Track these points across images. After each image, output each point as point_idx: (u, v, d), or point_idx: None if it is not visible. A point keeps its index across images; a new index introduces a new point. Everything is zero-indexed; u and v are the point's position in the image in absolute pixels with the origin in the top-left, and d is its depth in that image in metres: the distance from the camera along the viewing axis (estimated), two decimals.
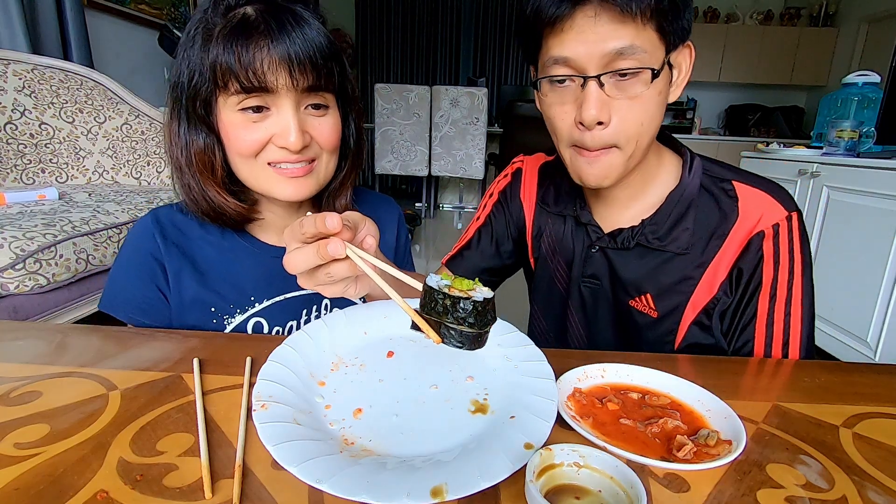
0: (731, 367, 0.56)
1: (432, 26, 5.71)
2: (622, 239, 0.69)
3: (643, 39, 0.54)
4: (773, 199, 0.64)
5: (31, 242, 1.13)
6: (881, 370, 0.57)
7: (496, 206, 0.87)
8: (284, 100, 0.57)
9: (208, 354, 0.53)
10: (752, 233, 0.63)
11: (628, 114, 0.57)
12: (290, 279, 0.68)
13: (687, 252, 0.65)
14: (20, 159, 1.76)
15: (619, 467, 0.33)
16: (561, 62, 0.57)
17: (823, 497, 0.36)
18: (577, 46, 0.55)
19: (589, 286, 0.74)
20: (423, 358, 0.52)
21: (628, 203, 0.70)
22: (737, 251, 0.64)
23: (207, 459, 0.36)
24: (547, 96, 0.61)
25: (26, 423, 0.40)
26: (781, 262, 0.62)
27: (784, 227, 0.62)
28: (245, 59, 0.54)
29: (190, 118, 0.60)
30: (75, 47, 2.22)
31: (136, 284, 0.65)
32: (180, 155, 0.61)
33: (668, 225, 0.66)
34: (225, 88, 0.56)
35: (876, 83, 2.25)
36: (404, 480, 0.33)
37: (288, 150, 0.59)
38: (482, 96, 4.05)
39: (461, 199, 5.28)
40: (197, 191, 0.62)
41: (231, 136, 0.59)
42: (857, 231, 1.86)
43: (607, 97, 0.56)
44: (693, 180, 0.67)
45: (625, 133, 0.58)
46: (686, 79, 0.62)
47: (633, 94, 0.56)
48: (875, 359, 1.76)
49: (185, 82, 0.58)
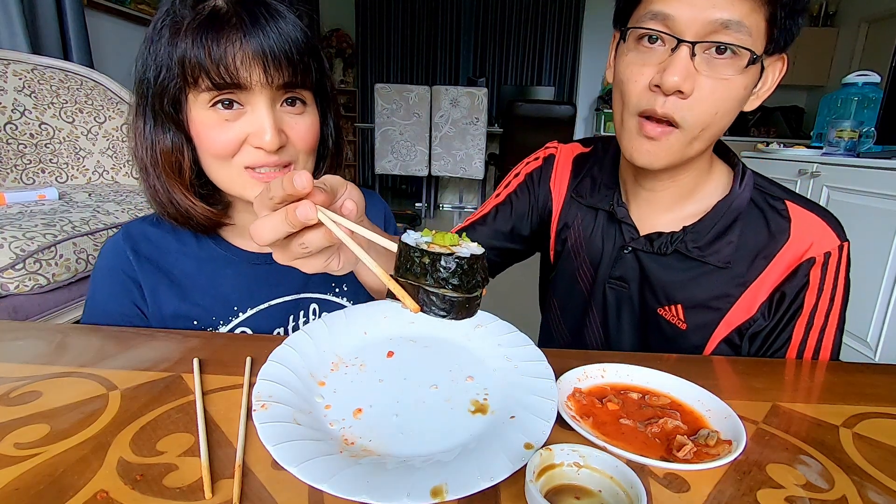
0: (731, 367, 0.56)
1: (432, 26, 5.71)
2: (660, 244, 0.65)
3: (753, 20, 0.51)
4: (827, 226, 0.61)
5: (31, 242, 1.13)
6: (881, 370, 0.57)
7: (521, 187, 0.82)
8: (259, 97, 0.54)
9: (208, 354, 0.53)
10: (802, 258, 0.60)
11: (710, 95, 0.53)
12: (274, 285, 0.69)
13: (727, 267, 0.62)
14: (20, 159, 1.76)
15: (619, 467, 0.33)
16: (660, 18, 0.53)
17: (823, 497, 0.36)
18: (682, 5, 0.52)
19: (615, 288, 0.70)
20: (423, 358, 0.52)
21: (671, 206, 0.66)
22: (782, 274, 0.61)
23: (207, 459, 0.36)
24: (627, 55, 0.57)
25: (26, 423, 0.40)
26: (825, 290, 0.60)
27: (835, 256, 0.60)
28: (216, 53, 0.51)
29: (157, 116, 0.57)
30: (75, 47, 2.22)
31: (112, 303, 0.63)
32: (145, 155, 0.58)
33: (711, 235, 0.63)
34: (195, 85, 0.53)
35: (876, 83, 2.25)
36: (404, 480, 0.33)
37: (264, 151, 0.55)
38: (482, 96, 4.05)
39: (461, 199, 5.28)
40: (162, 193, 0.59)
41: (203, 137, 0.56)
42: (857, 231, 1.85)
43: (695, 70, 0.53)
44: (743, 193, 0.63)
45: (699, 113, 0.54)
46: (769, 92, 0.59)
47: (724, 75, 0.53)
48: (875, 359, 1.76)
49: (150, 78, 0.55)
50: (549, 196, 0.80)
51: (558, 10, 5.40)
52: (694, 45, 0.52)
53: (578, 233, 0.75)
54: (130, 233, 0.65)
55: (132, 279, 0.63)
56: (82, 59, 2.24)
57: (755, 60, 0.52)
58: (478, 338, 0.54)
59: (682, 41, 0.52)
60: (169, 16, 0.54)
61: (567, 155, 0.80)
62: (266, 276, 0.68)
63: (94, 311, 0.64)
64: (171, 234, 0.66)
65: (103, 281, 0.65)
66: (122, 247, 0.64)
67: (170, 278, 0.64)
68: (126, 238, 0.64)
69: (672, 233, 0.65)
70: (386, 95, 4.11)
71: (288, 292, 0.69)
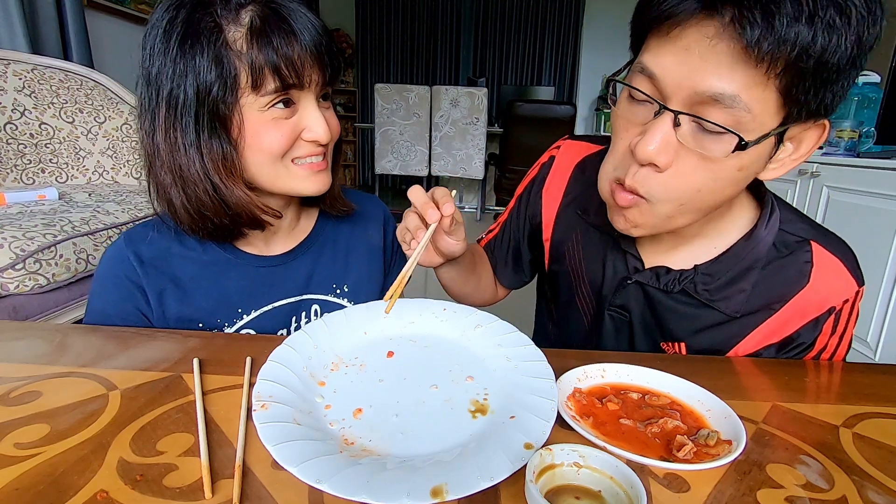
0: (731, 367, 0.56)
1: (432, 26, 5.71)
2: (667, 280, 0.60)
3: (754, 96, 0.42)
4: (847, 272, 0.56)
5: (31, 242, 1.13)
6: (881, 370, 0.57)
7: (518, 203, 0.79)
8: (309, 94, 0.58)
9: (208, 354, 0.53)
10: (823, 308, 0.56)
11: (691, 173, 0.46)
12: (277, 288, 0.69)
13: (736, 317, 0.58)
14: (20, 159, 1.76)
15: (619, 467, 0.33)
16: (647, 74, 0.46)
17: (823, 497, 0.36)
18: (671, 65, 0.44)
19: (615, 315, 0.66)
20: (423, 358, 0.52)
21: (676, 245, 0.61)
22: (801, 322, 0.57)
23: (207, 459, 0.36)
24: (620, 105, 0.51)
25: (26, 423, 0.40)
26: (837, 333, 0.58)
27: (850, 302, 0.56)
28: (284, 54, 0.53)
29: (203, 126, 0.55)
30: (75, 47, 2.22)
31: (114, 309, 0.63)
32: (190, 166, 0.56)
33: (724, 280, 0.58)
34: (256, 88, 0.54)
35: (876, 83, 2.25)
36: (404, 480, 0.33)
37: (316, 144, 0.60)
38: (482, 96, 4.05)
39: (461, 199, 5.28)
40: (213, 199, 0.57)
41: (261, 137, 0.57)
42: (857, 231, 1.85)
43: (677, 141, 0.46)
44: (767, 237, 0.57)
45: (673, 190, 0.48)
46: (801, 160, 0.49)
47: (708, 153, 0.45)
48: (875, 359, 1.76)
49: (188, 91, 0.54)
50: (539, 206, 0.75)
51: (558, 10, 5.41)
52: (678, 113, 0.44)
53: (578, 251, 0.70)
54: (133, 238, 0.65)
55: (136, 284, 0.63)
56: (82, 59, 2.24)
57: (744, 146, 0.43)
58: (478, 338, 0.54)
59: (665, 108, 0.45)
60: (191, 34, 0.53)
61: (569, 157, 0.73)
62: (269, 279, 0.68)
63: (96, 319, 0.63)
64: (174, 239, 0.65)
65: (105, 287, 0.64)
66: (124, 252, 0.63)
67: (174, 282, 0.64)
68: (128, 243, 0.64)
69: (682, 271, 0.59)
70: (386, 95, 4.11)
71: (290, 294, 0.69)
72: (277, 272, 0.69)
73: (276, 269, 0.69)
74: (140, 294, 0.63)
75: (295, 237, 0.72)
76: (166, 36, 0.53)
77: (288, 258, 0.70)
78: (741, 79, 0.41)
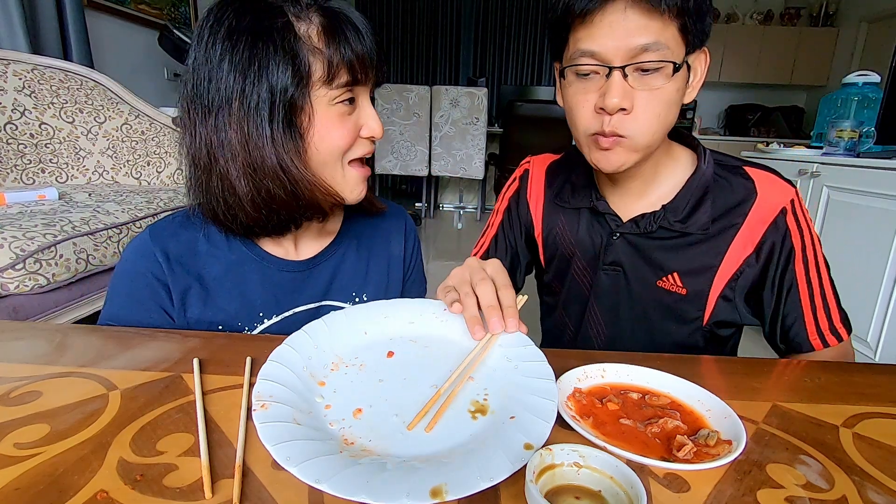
0: (731, 367, 0.56)
1: (432, 26, 5.71)
2: (644, 223, 0.72)
3: (667, 36, 0.58)
4: (780, 179, 0.71)
5: (31, 242, 1.13)
6: (881, 370, 0.57)
7: (506, 216, 0.90)
8: (365, 93, 0.61)
9: (208, 354, 0.53)
10: (776, 209, 0.68)
11: (648, 105, 0.61)
12: (298, 293, 0.69)
13: (707, 231, 0.70)
14: (20, 159, 1.76)
15: (619, 467, 0.33)
16: (588, 55, 0.60)
17: (823, 497, 0.36)
18: (605, 41, 0.58)
19: (609, 273, 0.76)
20: (423, 358, 0.52)
21: (642, 192, 0.74)
22: (763, 226, 0.69)
23: (207, 459, 0.36)
24: (571, 86, 0.65)
25: (26, 423, 0.40)
26: (803, 231, 0.69)
27: (796, 201, 0.69)
28: (355, 50, 0.56)
29: (287, 120, 0.55)
30: (75, 47, 2.22)
31: (137, 308, 0.61)
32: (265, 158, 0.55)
33: (688, 209, 0.71)
34: (329, 82, 0.56)
35: (876, 83, 2.25)
36: (404, 480, 0.33)
37: (371, 141, 0.62)
38: (482, 96, 4.05)
39: (461, 199, 5.28)
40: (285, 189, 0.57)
41: (330, 132, 0.57)
42: (857, 231, 1.85)
43: (630, 87, 0.60)
44: (708, 169, 0.71)
45: (643, 122, 0.61)
46: (700, 81, 0.66)
47: (654, 86, 0.60)
48: (875, 359, 1.76)
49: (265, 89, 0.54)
50: (528, 211, 0.87)
51: None
52: (623, 68, 0.59)
53: (565, 234, 0.82)
54: (158, 233, 0.63)
55: (161, 282, 0.61)
56: (82, 59, 2.24)
57: (678, 68, 0.59)
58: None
59: (613, 68, 0.59)
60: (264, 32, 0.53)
61: (540, 167, 0.88)
62: (291, 284, 0.68)
63: (113, 312, 0.62)
64: (201, 235, 0.64)
65: (127, 285, 0.62)
66: (150, 247, 0.61)
67: (199, 282, 0.63)
68: (154, 238, 0.62)
69: (654, 212, 0.72)
70: (386, 95, 4.11)
71: (311, 300, 0.69)
72: (300, 277, 0.68)
73: (298, 274, 0.68)
74: (164, 292, 0.62)
75: (322, 240, 0.71)
76: (230, 35, 0.53)
77: (311, 264, 0.69)
78: (655, 27, 0.57)
